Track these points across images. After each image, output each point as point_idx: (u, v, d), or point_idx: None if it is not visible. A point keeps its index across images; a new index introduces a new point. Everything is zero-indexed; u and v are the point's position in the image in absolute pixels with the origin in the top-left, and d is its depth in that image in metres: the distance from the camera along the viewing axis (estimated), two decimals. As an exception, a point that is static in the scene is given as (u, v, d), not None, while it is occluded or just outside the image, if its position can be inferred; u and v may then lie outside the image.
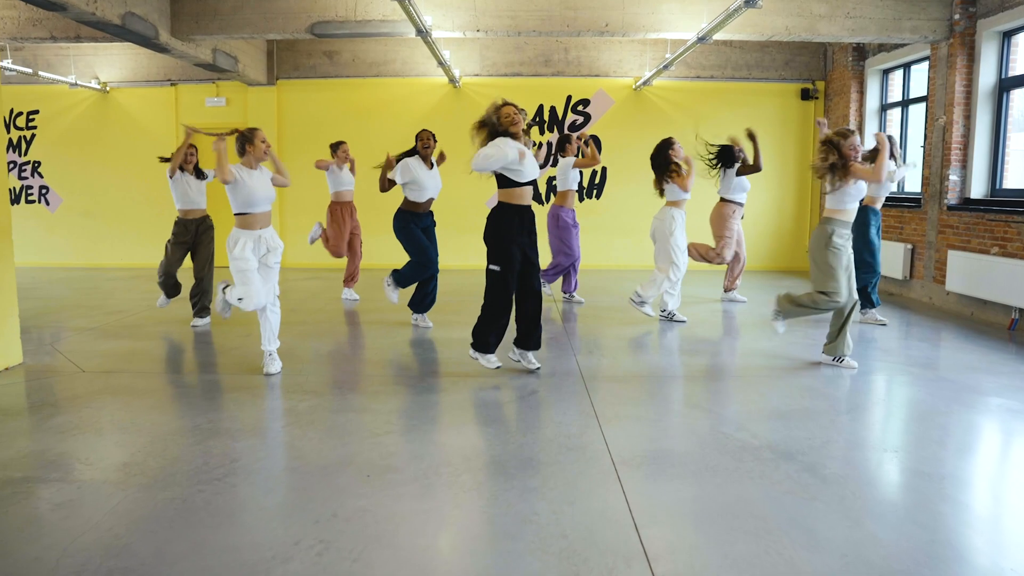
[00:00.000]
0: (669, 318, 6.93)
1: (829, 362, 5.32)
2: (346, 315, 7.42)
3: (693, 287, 8.93)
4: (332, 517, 2.88)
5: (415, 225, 6.39)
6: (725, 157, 7.67)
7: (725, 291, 8.17)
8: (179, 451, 3.59)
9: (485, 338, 4.92)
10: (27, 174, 11.40)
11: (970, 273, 7.25)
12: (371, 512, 2.93)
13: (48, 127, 11.34)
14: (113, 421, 4.06)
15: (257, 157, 4.84)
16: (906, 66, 9.27)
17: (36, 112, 11.30)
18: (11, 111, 11.29)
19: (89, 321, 6.97)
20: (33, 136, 11.36)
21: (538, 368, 5.07)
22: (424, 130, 6.38)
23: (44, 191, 11.42)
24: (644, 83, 10.43)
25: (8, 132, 11.30)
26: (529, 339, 4.96)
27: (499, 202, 4.77)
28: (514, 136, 4.68)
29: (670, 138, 6.87)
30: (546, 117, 10.93)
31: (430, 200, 6.43)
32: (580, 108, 10.88)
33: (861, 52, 9.86)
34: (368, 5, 7.70)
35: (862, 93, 9.93)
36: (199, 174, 6.59)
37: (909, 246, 8.45)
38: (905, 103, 9.33)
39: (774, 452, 3.57)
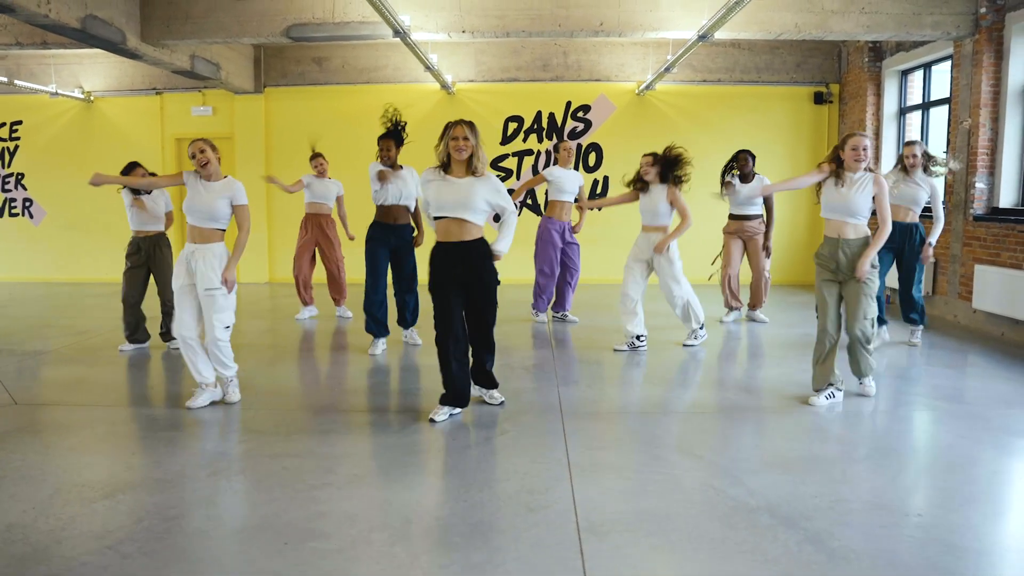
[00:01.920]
0: (632, 347, 6.05)
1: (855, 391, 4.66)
2: (324, 337, 6.91)
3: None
4: (225, 606, 2.37)
5: (380, 243, 5.92)
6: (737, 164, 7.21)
7: (751, 308, 7.54)
8: (78, 508, 3.09)
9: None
10: (11, 186, 11.04)
11: (1001, 289, 6.63)
12: (273, 600, 2.41)
13: (32, 138, 10.96)
14: (20, 467, 3.57)
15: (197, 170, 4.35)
16: (926, 66, 8.66)
17: (19, 123, 10.94)
18: (-7, 121, 10.97)
19: (48, 343, 6.53)
20: (16, 147, 10.99)
21: (502, 402, 4.55)
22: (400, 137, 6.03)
23: (28, 204, 11.05)
24: (647, 87, 9.89)
25: (-9, 143, 10.97)
26: (479, 376, 4.50)
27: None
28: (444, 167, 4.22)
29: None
30: (545, 124, 10.41)
31: (392, 208, 5.95)
32: (580, 114, 10.35)
33: (878, 52, 9.26)
34: (347, 6, 7.23)
35: (879, 96, 9.30)
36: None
37: (931, 260, 7.81)
38: (926, 106, 8.72)
39: (773, 516, 3.00)
